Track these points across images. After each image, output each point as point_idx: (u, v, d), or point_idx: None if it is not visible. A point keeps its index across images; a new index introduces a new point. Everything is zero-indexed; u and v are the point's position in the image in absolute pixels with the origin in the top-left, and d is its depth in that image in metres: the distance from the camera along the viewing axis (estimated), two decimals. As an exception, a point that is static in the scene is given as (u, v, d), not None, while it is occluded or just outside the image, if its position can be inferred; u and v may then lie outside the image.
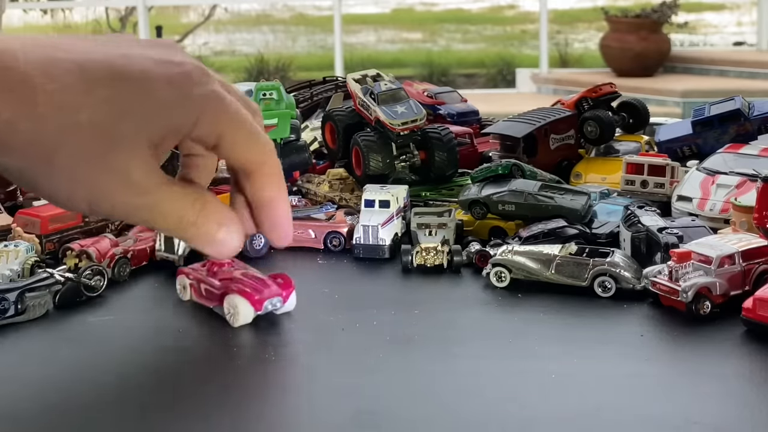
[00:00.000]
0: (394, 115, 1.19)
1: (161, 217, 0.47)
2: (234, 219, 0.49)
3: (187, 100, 0.47)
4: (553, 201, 1.05)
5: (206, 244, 0.49)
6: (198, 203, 0.48)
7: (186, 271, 0.88)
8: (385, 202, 1.05)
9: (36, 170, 0.45)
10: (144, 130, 0.45)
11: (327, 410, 0.67)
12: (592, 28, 9.75)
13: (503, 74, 8.79)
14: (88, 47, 0.46)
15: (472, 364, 0.73)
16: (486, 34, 10.66)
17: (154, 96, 0.46)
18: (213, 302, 0.84)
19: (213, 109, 0.47)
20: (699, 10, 10.22)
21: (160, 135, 0.46)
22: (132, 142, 0.45)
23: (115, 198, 0.46)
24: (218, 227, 0.48)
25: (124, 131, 0.45)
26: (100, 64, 0.45)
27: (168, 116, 0.46)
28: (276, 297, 0.82)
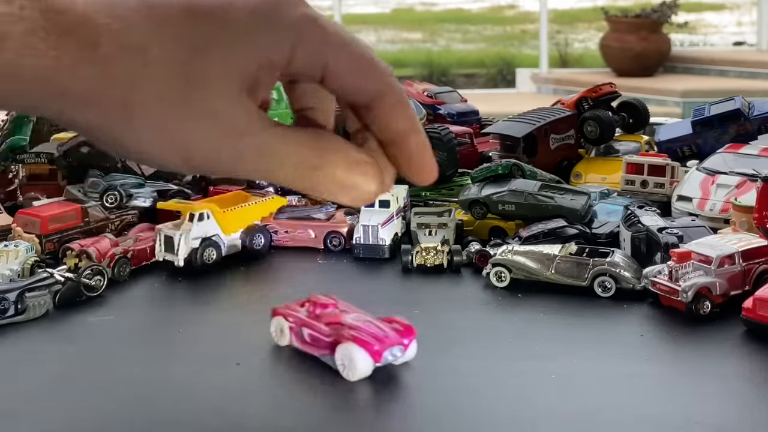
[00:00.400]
0: (394, 115, 1.19)
1: (275, 163, 0.41)
2: (365, 159, 0.42)
3: (275, 27, 0.40)
4: (553, 201, 1.05)
5: (337, 190, 0.42)
6: (320, 142, 0.42)
7: (283, 311, 0.76)
8: (385, 202, 1.05)
9: (113, 124, 0.40)
10: (229, 66, 0.40)
11: (327, 410, 0.67)
12: (592, 28, 9.74)
13: (503, 74, 8.79)
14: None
15: (472, 364, 0.73)
16: (486, 34, 10.66)
17: (234, 27, 0.40)
18: (320, 350, 0.72)
19: (309, 33, 0.41)
20: (699, 10, 10.22)
21: (250, 70, 0.40)
22: (216, 79, 0.39)
23: (213, 144, 0.39)
24: (348, 169, 0.41)
25: (203, 68, 0.39)
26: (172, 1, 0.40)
27: (255, 48, 0.40)
28: (396, 346, 0.71)
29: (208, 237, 0.98)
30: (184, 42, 0.39)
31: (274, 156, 0.41)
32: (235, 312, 0.89)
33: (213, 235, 0.99)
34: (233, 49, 0.40)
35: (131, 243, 1.00)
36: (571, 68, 8.65)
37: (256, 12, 0.40)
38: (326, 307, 0.74)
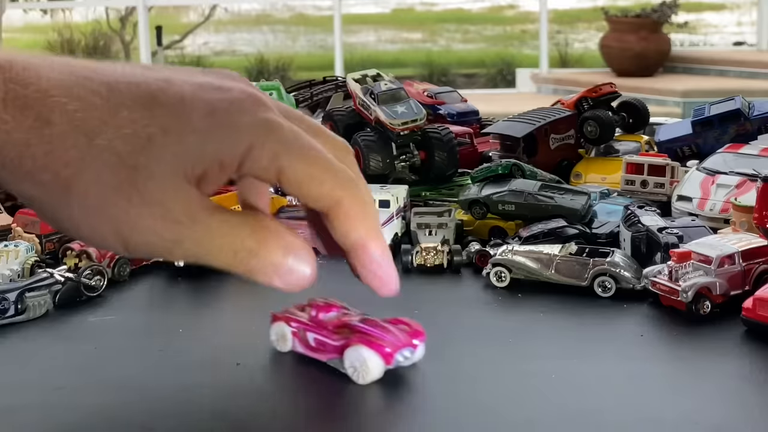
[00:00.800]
0: (394, 115, 1.19)
1: (213, 250, 0.41)
2: (301, 244, 0.43)
3: (230, 130, 0.40)
4: (553, 201, 1.05)
5: (272, 275, 0.42)
6: (258, 230, 0.42)
7: (283, 316, 0.75)
8: (385, 202, 1.05)
9: (54, 200, 0.40)
10: (176, 161, 0.39)
11: (328, 410, 0.67)
12: (592, 28, 9.74)
13: (503, 74, 8.79)
14: (127, 71, 0.41)
15: (472, 363, 0.73)
16: (486, 34, 10.66)
17: (187, 123, 0.40)
18: (328, 355, 0.71)
19: (265, 138, 0.41)
20: (699, 10, 10.22)
21: (196, 167, 0.40)
22: (163, 172, 0.39)
23: (153, 232, 0.39)
24: (284, 255, 0.42)
25: (152, 159, 0.39)
26: (134, 87, 0.40)
27: (204, 147, 0.40)
28: (407, 348, 0.70)
29: (208, 237, 0.98)
30: (137, 131, 0.39)
31: (212, 245, 0.41)
32: (236, 312, 0.89)
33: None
34: (184, 146, 0.40)
35: (131, 243, 1.00)
36: (571, 68, 8.65)
37: (215, 113, 0.40)
38: (329, 311, 0.73)
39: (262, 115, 0.41)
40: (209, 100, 0.41)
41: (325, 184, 0.42)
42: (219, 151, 0.40)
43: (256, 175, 0.42)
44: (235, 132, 0.40)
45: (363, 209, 0.44)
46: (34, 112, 0.38)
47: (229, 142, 0.40)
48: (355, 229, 0.44)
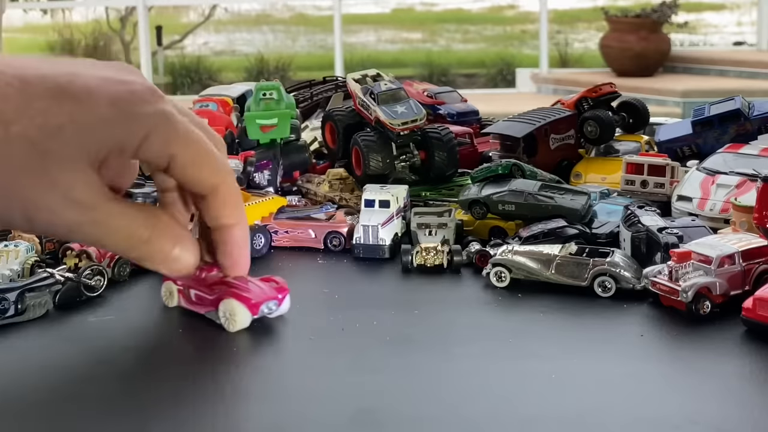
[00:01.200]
0: (394, 115, 1.19)
1: (109, 234, 0.45)
2: (188, 236, 0.48)
3: (130, 118, 0.45)
4: (553, 201, 1.05)
5: (160, 262, 0.47)
6: (151, 219, 0.46)
7: (172, 277, 0.85)
8: (385, 202, 1.05)
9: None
10: (82, 147, 0.43)
11: (327, 410, 0.67)
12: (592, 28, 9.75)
13: (503, 74, 8.80)
14: (40, 65, 0.44)
15: (472, 364, 0.73)
16: (486, 34, 10.67)
17: (93, 113, 0.44)
18: (205, 308, 0.82)
19: (160, 128, 0.45)
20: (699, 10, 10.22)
21: (100, 152, 0.44)
22: (69, 158, 0.43)
23: (56, 214, 0.43)
24: (173, 244, 0.47)
25: (59, 147, 0.43)
26: (44, 79, 0.43)
27: (108, 134, 0.44)
28: (272, 300, 0.80)
29: (208, 237, 0.98)
30: (48, 120, 0.42)
31: (108, 228, 0.45)
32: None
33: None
34: (91, 133, 0.44)
35: (131, 243, 1.00)
36: (571, 68, 8.66)
37: (117, 102, 0.44)
38: (211, 270, 0.79)
39: (160, 106, 0.46)
40: (113, 92, 0.44)
41: (208, 172, 0.48)
42: (120, 138, 0.45)
43: (149, 160, 0.46)
44: (136, 120, 0.45)
45: (235, 197, 0.49)
46: None
47: (130, 129, 0.45)
48: (227, 213, 0.49)
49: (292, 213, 1.10)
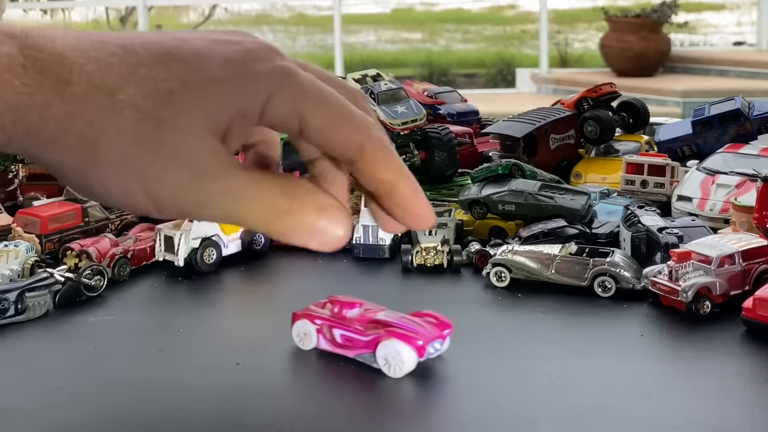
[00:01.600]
0: (394, 114, 1.19)
1: (245, 206, 0.40)
2: (335, 205, 0.41)
3: (248, 78, 0.40)
4: (553, 201, 1.05)
5: (305, 235, 0.41)
6: (289, 187, 0.41)
7: (305, 314, 0.75)
8: (385, 202, 1.04)
9: (80, 164, 0.39)
10: (200, 113, 0.39)
11: (328, 410, 0.67)
12: (592, 28, 9.74)
13: (503, 74, 8.79)
14: (143, 35, 0.41)
15: (472, 363, 0.73)
16: (486, 34, 10.66)
17: (208, 75, 0.40)
18: (356, 351, 0.72)
19: (284, 85, 0.40)
20: (699, 10, 10.22)
21: (221, 118, 0.40)
22: (187, 125, 0.39)
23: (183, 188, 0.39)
24: (318, 214, 0.41)
25: (174, 113, 0.39)
26: (149, 46, 0.40)
27: (227, 97, 0.40)
28: (437, 339, 0.72)
29: (208, 237, 0.98)
30: (157, 86, 0.39)
31: (243, 199, 0.40)
32: (236, 312, 0.89)
33: (213, 235, 0.99)
34: (205, 97, 0.39)
35: (131, 243, 1.00)
36: (571, 68, 8.65)
37: (231, 62, 0.40)
38: (353, 307, 0.74)
39: (278, 62, 0.41)
40: (224, 52, 0.40)
41: (348, 131, 0.41)
42: (240, 100, 0.40)
43: (278, 124, 0.41)
44: (254, 79, 0.40)
45: (385, 151, 0.42)
46: (53, 75, 0.38)
47: (248, 90, 0.40)
48: (382, 172, 0.42)
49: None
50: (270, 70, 0.41)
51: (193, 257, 0.97)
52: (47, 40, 0.39)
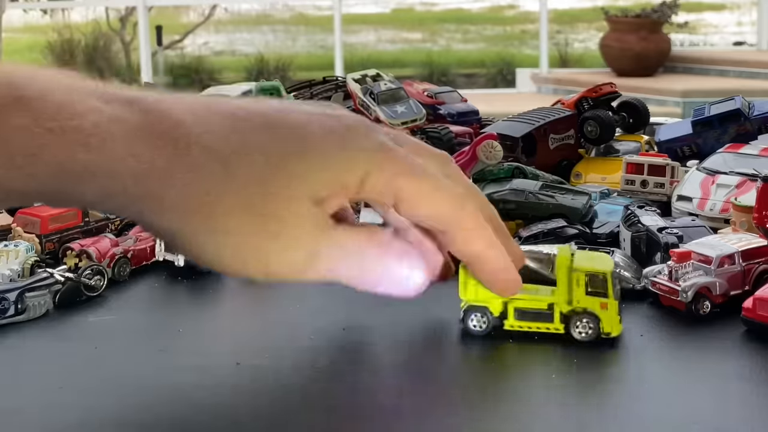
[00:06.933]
0: (393, 114, 1.19)
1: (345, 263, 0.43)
2: (415, 253, 0.45)
3: (350, 153, 0.42)
4: (555, 200, 1.05)
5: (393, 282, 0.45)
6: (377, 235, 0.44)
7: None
8: (385, 202, 1.04)
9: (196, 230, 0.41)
10: (304, 183, 0.41)
11: (328, 410, 0.67)
12: (592, 28, 9.75)
13: (503, 74, 8.80)
14: (242, 102, 0.43)
15: (472, 363, 0.73)
16: (486, 34, 10.66)
17: (312, 147, 0.41)
18: None
19: (383, 163, 0.42)
20: (699, 10, 10.22)
21: (322, 190, 0.42)
22: (293, 196, 0.41)
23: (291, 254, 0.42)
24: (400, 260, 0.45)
25: (280, 184, 0.41)
26: (254, 114, 0.42)
27: (329, 169, 0.41)
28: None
29: (208, 237, 0.98)
30: (268, 157, 0.41)
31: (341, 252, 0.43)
32: (236, 312, 0.89)
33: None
34: (309, 168, 0.41)
35: (131, 243, 1.00)
36: (571, 68, 8.66)
37: (332, 134, 0.42)
38: None
39: (376, 138, 0.43)
40: (326, 126, 0.42)
41: (442, 207, 0.44)
42: (340, 174, 0.42)
43: (373, 198, 0.44)
44: (355, 155, 0.42)
45: (476, 221, 0.45)
46: (172, 142, 0.40)
47: (349, 164, 0.42)
48: (473, 244, 0.46)
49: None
50: (370, 146, 0.43)
51: (193, 257, 0.97)
52: (165, 107, 0.40)
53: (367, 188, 0.43)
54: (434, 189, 0.44)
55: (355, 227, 0.44)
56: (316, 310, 0.86)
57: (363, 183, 0.42)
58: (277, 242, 0.41)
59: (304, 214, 0.41)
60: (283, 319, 0.83)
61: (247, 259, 0.42)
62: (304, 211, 0.41)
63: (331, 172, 0.42)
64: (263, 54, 9.56)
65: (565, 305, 0.75)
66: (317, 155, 0.42)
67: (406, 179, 0.43)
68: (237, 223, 0.41)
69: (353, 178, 0.42)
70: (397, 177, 0.43)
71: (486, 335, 0.76)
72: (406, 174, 0.43)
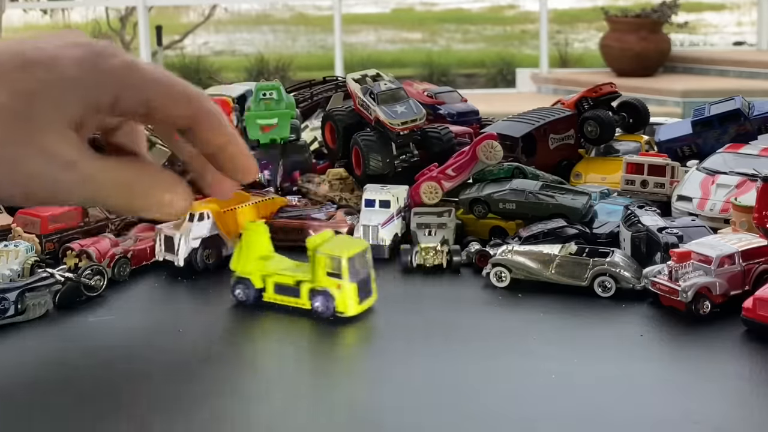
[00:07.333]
0: (393, 114, 1.19)
1: (104, 190, 0.47)
2: (177, 180, 0.50)
3: (99, 75, 0.47)
4: (554, 200, 1.05)
5: (156, 208, 0.49)
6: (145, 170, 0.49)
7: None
8: (385, 202, 1.05)
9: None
10: (60, 110, 0.46)
11: (328, 410, 0.67)
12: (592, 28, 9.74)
13: (503, 74, 8.79)
14: (9, 45, 0.47)
15: (473, 363, 0.73)
16: (486, 34, 10.66)
17: (64, 76, 0.46)
18: None
19: (130, 77, 0.48)
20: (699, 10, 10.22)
21: (78, 113, 0.46)
22: (51, 121, 0.45)
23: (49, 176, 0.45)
24: (164, 189, 0.49)
25: (39, 112, 0.45)
26: (13, 55, 0.46)
27: (82, 93, 0.46)
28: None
29: (208, 237, 0.98)
30: (24, 89, 0.45)
31: (101, 183, 0.47)
32: (236, 312, 0.89)
33: (213, 235, 0.99)
34: (64, 96, 0.46)
35: (131, 243, 1.00)
36: (571, 68, 8.65)
37: (82, 62, 0.47)
38: None
39: (122, 57, 0.48)
40: (76, 55, 0.47)
41: (185, 104, 0.49)
42: (93, 95, 0.47)
43: (130, 110, 0.48)
44: (104, 75, 0.47)
45: (217, 117, 0.50)
46: None
47: (100, 85, 0.47)
48: (215, 136, 0.50)
49: (292, 213, 1.10)
50: (117, 66, 0.47)
51: (193, 257, 0.97)
52: None
53: (121, 102, 0.47)
54: (177, 91, 0.49)
55: (117, 160, 0.49)
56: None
57: (117, 100, 0.47)
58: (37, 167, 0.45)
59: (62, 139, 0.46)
60: (283, 318, 0.83)
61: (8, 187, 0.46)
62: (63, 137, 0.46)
63: (83, 95, 0.46)
64: (263, 54, 9.56)
65: (309, 283, 0.84)
66: (68, 82, 0.46)
67: (152, 87, 0.48)
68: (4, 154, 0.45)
69: (104, 96, 0.47)
70: (145, 87, 0.48)
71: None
72: (153, 82, 0.48)
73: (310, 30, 10.52)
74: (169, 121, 0.50)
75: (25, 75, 0.46)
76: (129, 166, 0.49)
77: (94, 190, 0.47)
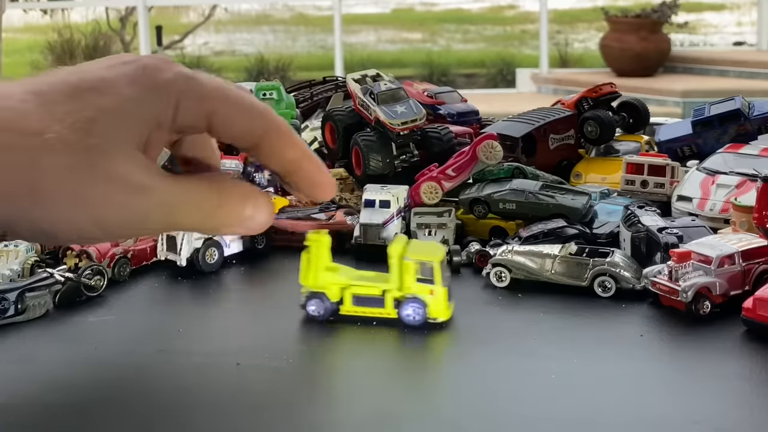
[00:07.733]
0: (393, 114, 1.19)
1: (181, 210, 0.44)
2: (256, 192, 0.46)
3: (155, 89, 0.44)
4: (555, 200, 1.05)
5: (237, 224, 0.46)
6: (215, 185, 0.45)
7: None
8: (385, 202, 1.05)
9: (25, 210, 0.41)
10: (122, 132, 0.42)
11: (328, 410, 0.67)
12: (592, 28, 9.75)
13: (503, 74, 8.79)
14: (43, 78, 0.44)
15: (472, 363, 0.73)
16: (486, 34, 10.67)
17: (119, 97, 0.43)
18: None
19: (188, 90, 0.44)
20: (699, 10, 10.23)
21: (141, 132, 0.43)
22: (114, 145, 0.42)
23: (122, 206, 0.42)
24: (243, 204, 0.45)
25: (100, 139, 0.42)
26: (55, 85, 0.43)
27: (141, 111, 0.43)
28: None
29: (210, 237, 0.98)
30: (78, 119, 0.42)
31: (179, 206, 0.44)
32: (236, 312, 0.89)
33: (215, 234, 0.99)
34: (121, 115, 0.43)
35: (131, 243, 1.00)
36: (571, 68, 8.65)
37: (135, 79, 0.44)
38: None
39: (176, 69, 0.45)
40: (125, 74, 0.44)
41: (252, 118, 0.46)
42: (153, 111, 0.44)
43: (190, 126, 0.45)
44: (161, 89, 0.44)
45: (288, 134, 0.47)
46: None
47: (158, 100, 0.44)
48: (287, 151, 0.47)
49: (292, 213, 1.10)
50: (172, 78, 0.44)
51: (196, 257, 0.97)
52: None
53: (181, 117, 0.44)
54: (242, 104, 0.45)
55: (191, 178, 0.45)
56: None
57: (176, 113, 0.44)
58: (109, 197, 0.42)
59: (132, 165, 0.42)
60: (283, 318, 0.83)
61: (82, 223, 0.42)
62: (130, 160, 0.42)
63: (143, 114, 0.43)
64: (263, 54, 9.56)
65: (396, 291, 0.80)
66: (126, 102, 0.43)
67: (214, 100, 0.45)
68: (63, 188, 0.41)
69: (165, 111, 0.44)
70: (206, 99, 0.45)
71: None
72: (214, 95, 0.45)
73: (310, 30, 10.52)
74: (234, 136, 0.46)
75: (77, 104, 0.42)
76: (204, 183, 0.45)
77: (170, 213, 0.44)
